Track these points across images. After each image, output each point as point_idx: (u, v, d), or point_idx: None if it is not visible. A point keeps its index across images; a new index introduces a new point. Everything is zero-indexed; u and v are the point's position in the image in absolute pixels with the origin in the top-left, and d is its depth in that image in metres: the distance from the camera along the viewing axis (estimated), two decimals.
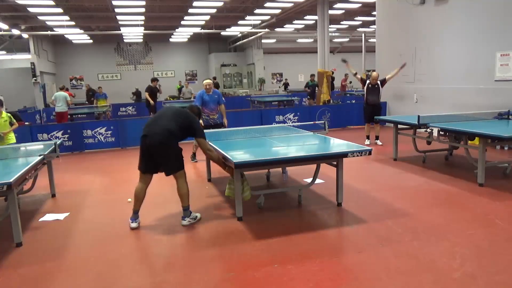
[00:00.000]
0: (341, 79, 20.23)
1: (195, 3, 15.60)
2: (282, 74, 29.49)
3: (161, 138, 4.18)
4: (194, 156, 7.84)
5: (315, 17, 17.07)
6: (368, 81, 8.83)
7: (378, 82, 8.78)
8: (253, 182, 6.05)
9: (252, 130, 6.48)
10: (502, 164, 6.09)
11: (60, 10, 15.37)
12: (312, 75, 16.28)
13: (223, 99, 7.60)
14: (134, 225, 4.40)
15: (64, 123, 11.20)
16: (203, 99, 7.23)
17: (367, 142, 8.93)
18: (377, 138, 8.95)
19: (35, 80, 20.65)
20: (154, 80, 13.56)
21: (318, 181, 5.33)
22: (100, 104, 15.45)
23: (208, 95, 7.27)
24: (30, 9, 15.35)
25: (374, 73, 9.02)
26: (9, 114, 6.82)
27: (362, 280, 3.09)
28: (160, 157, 4.27)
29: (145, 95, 13.63)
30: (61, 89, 13.20)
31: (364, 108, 8.99)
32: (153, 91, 13.33)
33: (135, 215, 4.46)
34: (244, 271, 3.30)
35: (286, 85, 25.12)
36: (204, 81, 7.39)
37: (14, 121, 6.80)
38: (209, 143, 5.21)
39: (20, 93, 22.55)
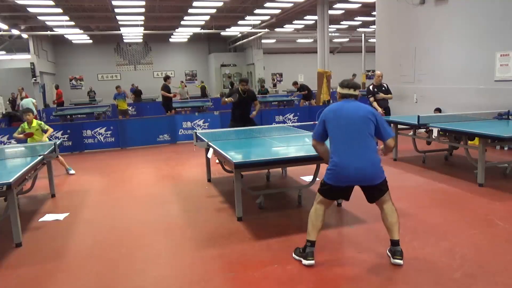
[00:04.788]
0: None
1: (195, 3, 15.59)
2: (282, 74, 29.51)
3: None
4: None
5: (315, 17, 17.05)
6: (371, 85, 8.21)
7: (384, 84, 8.22)
8: (253, 182, 6.06)
9: (252, 130, 6.48)
10: (502, 164, 6.09)
11: (59, 10, 15.36)
12: None
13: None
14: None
15: (63, 124, 11.20)
16: None
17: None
18: None
19: (35, 80, 20.65)
20: (168, 78, 12.78)
21: (318, 181, 5.32)
22: (121, 107, 14.26)
23: None
24: (30, 9, 15.33)
25: (377, 72, 8.28)
26: (39, 122, 7.01)
27: (362, 280, 3.09)
28: None
29: (162, 92, 12.76)
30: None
31: None
32: (168, 90, 12.63)
33: None
34: (244, 271, 3.30)
35: (265, 91, 21.42)
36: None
37: (47, 127, 6.99)
38: (209, 143, 5.25)
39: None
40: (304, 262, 3.29)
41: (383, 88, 8.22)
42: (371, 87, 8.25)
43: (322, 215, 3.33)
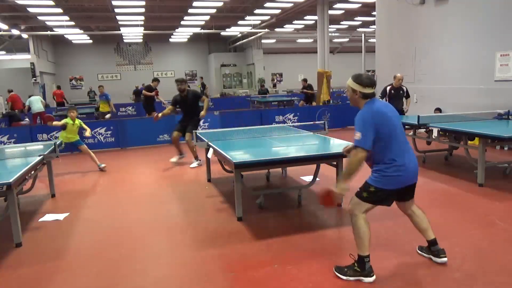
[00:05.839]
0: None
1: (195, 3, 15.60)
2: (282, 74, 29.52)
3: None
4: None
5: (315, 17, 17.07)
6: (390, 85, 8.10)
7: (404, 87, 8.14)
8: (253, 182, 6.06)
9: (252, 130, 6.48)
10: (502, 164, 6.09)
11: (59, 10, 15.37)
12: None
13: None
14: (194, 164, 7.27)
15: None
16: None
17: None
18: None
19: (35, 80, 20.66)
20: (155, 80, 13.15)
21: (318, 181, 5.33)
22: (102, 109, 13.95)
23: None
24: (30, 9, 15.35)
25: (398, 75, 8.12)
26: (81, 121, 7.39)
27: (362, 280, 3.09)
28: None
29: (144, 92, 12.95)
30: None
31: None
32: (150, 90, 12.91)
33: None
34: (244, 271, 3.30)
35: (265, 91, 21.80)
36: None
37: (86, 126, 7.38)
38: (209, 143, 5.25)
39: (20, 93, 22.53)
40: (368, 279, 3.05)
41: (401, 92, 8.10)
42: (388, 88, 8.11)
43: (368, 224, 3.17)
